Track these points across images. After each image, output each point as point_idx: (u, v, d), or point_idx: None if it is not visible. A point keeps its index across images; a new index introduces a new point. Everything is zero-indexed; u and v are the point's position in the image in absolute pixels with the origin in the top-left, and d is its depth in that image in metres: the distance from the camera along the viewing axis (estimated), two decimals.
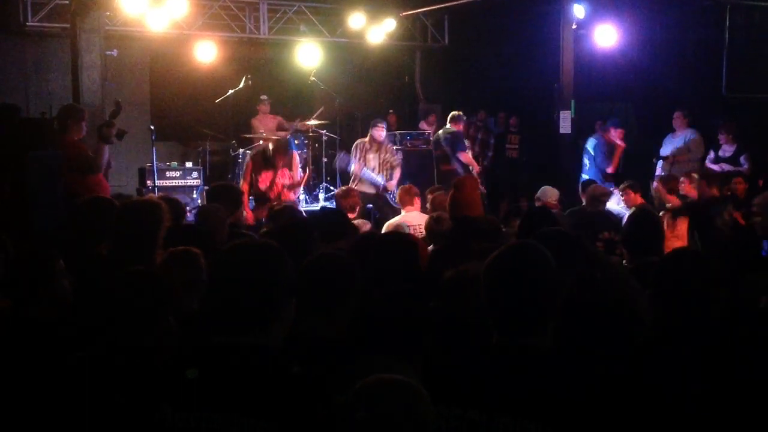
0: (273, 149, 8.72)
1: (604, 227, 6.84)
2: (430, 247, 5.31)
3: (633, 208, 8.21)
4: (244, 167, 9.22)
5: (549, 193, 8.43)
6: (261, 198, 8.79)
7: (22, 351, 3.20)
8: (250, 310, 2.37)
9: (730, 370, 2.78)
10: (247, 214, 8.54)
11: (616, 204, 8.41)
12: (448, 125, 10.85)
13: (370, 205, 9.93)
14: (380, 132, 9.93)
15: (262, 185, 8.73)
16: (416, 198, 7.67)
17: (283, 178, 8.75)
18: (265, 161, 8.74)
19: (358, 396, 2.01)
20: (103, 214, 4.39)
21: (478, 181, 6.93)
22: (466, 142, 11.68)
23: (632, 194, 8.58)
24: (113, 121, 7.32)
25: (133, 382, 2.67)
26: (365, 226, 6.68)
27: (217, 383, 2.30)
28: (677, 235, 7.17)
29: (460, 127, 10.96)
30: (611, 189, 8.89)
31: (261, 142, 11.85)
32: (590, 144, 11.49)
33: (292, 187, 8.86)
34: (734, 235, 6.61)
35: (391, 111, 13.79)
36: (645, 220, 4.68)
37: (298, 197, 9.70)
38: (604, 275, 3.57)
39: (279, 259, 2.44)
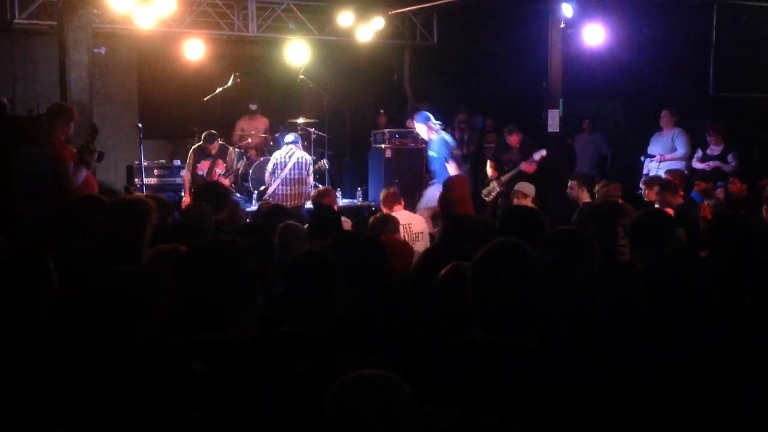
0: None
1: None
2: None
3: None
4: (188, 159, 10.59)
5: (526, 189, 8.48)
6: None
7: (25, 352, 3.15)
8: (211, 307, 2.41)
9: (724, 368, 2.78)
10: (186, 199, 9.95)
11: None
12: None
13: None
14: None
15: (200, 171, 10.38)
16: (401, 198, 7.83)
17: (219, 167, 10.47)
18: (204, 152, 10.44)
19: (340, 392, 2.02)
20: (91, 213, 4.37)
21: (467, 180, 6.99)
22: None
23: (576, 188, 8.54)
24: (93, 146, 7.25)
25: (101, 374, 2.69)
26: (346, 224, 6.66)
27: (179, 379, 2.33)
28: None
29: None
30: None
31: (249, 140, 11.90)
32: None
33: (226, 175, 10.47)
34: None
35: (381, 111, 13.79)
36: (654, 219, 4.61)
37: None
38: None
39: (240, 256, 2.48)
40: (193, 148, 10.60)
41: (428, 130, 9.78)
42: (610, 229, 4.74)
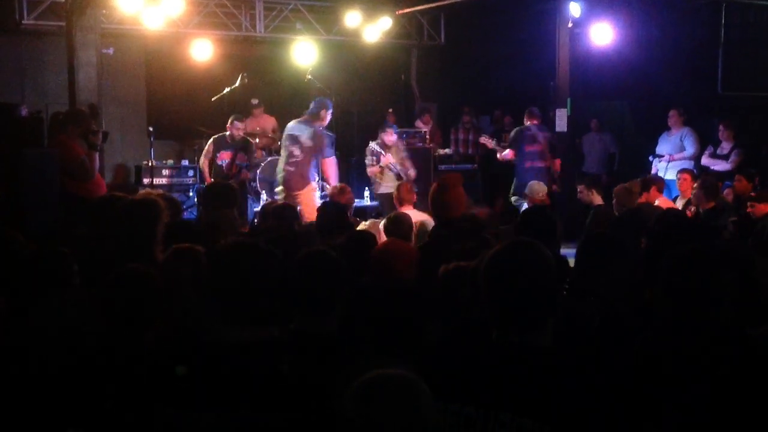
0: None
1: None
2: None
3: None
4: (206, 147, 10.50)
5: (536, 189, 8.48)
6: (219, 174, 10.22)
7: (46, 353, 3.13)
8: (250, 307, 2.42)
9: (735, 370, 2.76)
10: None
11: None
12: None
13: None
14: (390, 137, 10.32)
15: (220, 161, 10.32)
16: (414, 195, 7.77)
17: (242, 160, 10.37)
18: (226, 143, 10.35)
19: (360, 391, 2.01)
20: (110, 212, 4.37)
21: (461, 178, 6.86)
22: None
23: (586, 192, 8.39)
24: (96, 128, 7.31)
25: (127, 381, 2.68)
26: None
27: (215, 380, 2.31)
28: None
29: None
30: None
31: (257, 140, 11.89)
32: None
33: (249, 168, 10.54)
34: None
35: (390, 111, 13.76)
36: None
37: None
38: None
39: (269, 259, 2.52)
40: (213, 137, 10.56)
41: None
42: None
